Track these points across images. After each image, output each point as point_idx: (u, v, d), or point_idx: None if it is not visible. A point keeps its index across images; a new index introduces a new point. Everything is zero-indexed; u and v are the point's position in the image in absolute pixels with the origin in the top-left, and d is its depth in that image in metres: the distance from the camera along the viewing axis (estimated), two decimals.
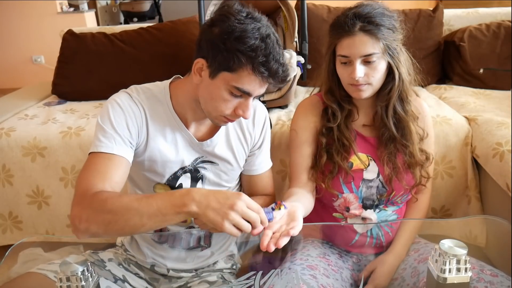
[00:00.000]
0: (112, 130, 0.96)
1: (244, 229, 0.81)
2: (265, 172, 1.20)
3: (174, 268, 1.15)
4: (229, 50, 0.90)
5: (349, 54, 1.06)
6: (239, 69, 0.91)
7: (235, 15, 0.91)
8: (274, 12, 2.07)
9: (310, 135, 1.18)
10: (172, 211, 0.82)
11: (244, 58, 0.89)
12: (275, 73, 0.92)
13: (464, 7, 2.33)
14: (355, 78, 1.05)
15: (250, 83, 0.93)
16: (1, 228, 1.75)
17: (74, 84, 2.12)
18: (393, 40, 1.07)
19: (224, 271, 1.18)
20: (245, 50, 0.89)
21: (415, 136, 1.13)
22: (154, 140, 1.04)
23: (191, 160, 1.08)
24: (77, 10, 4.27)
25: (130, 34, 2.14)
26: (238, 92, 0.94)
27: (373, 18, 1.04)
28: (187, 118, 1.06)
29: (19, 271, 0.98)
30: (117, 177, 0.93)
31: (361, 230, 1.16)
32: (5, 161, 1.67)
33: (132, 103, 1.02)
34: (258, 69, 0.90)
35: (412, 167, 1.13)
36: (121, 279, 1.09)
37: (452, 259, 0.72)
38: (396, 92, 1.10)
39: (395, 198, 1.16)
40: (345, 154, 1.13)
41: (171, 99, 1.05)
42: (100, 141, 0.95)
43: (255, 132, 1.14)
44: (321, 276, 1.02)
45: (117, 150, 0.95)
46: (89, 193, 0.87)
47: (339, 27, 1.07)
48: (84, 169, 0.94)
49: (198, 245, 1.16)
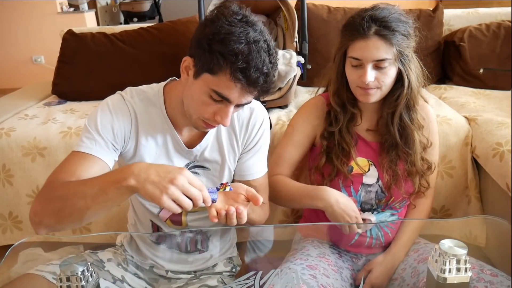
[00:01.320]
0: (96, 132, 0.97)
1: (184, 205, 0.78)
2: (259, 178, 1.12)
3: (173, 269, 1.15)
4: (212, 51, 0.86)
5: (361, 57, 1.04)
6: (219, 73, 0.87)
7: (227, 16, 0.88)
8: (274, 12, 2.07)
9: (304, 138, 1.19)
10: (112, 187, 0.80)
11: (224, 61, 0.85)
12: (254, 82, 0.87)
13: (464, 7, 2.33)
14: (365, 82, 1.04)
15: (229, 89, 0.88)
16: (1, 228, 1.74)
17: (74, 84, 2.12)
18: (406, 47, 1.05)
19: (223, 274, 1.17)
20: (226, 53, 0.85)
21: (418, 145, 1.12)
22: (144, 144, 1.02)
23: (182, 165, 1.06)
24: (77, 10, 4.27)
25: (130, 34, 2.14)
26: (217, 96, 0.90)
27: (389, 23, 1.02)
28: (179, 122, 1.04)
29: (19, 271, 0.97)
30: (86, 175, 0.91)
31: (361, 230, 1.16)
32: (5, 161, 1.67)
33: (123, 107, 1.01)
34: (235, 75, 0.85)
35: (412, 176, 1.13)
36: (120, 280, 1.09)
37: (452, 259, 0.72)
38: (404, 100, 1.09)
39: (393, 204, 1.16)
40: (344, 159, 1.13)
41: (165, 102, 1.03)
42: (82, 141, 0.96)
43: (248, 135, 1.09)
44: (321, 276, 1.02)
45: (95, 151, 0.95)
46: (50, 184, 0.90)
47: (353, 28, 1.05)
48: (61, 164, 0.96)
49: (195, 249, 1.14)
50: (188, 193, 0.78)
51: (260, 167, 1.12)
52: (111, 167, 0.98)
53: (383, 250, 1.18)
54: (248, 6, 0.94)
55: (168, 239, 1.14)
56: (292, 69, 1.74)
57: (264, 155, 1.14)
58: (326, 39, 2.02)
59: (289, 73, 1.74)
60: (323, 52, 1.98)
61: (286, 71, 1.73)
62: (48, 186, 0.90)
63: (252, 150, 1.10)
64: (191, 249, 1.14)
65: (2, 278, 0.97)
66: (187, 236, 1.14)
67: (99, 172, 0.94)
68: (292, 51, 1.85)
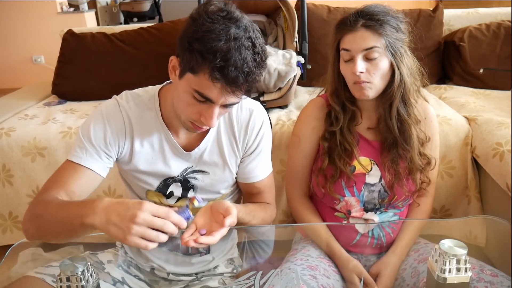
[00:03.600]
0: (88, 142, 0.97)
1: (152, 239, 0.74)
2: (263, 180, 1.10)
3: (174, 272, 1.14)
4: (192, 50, 0.83)
5: (350, 48, 1.06)
6: (199, 72, 0.83)
7: (210, 13, 0.84)
8: (274, 12, 2.07)
9: (311, 146, 1.19)
10: (77, 221, 0.78)
11: (203, 60, 0.82)
12: (234, 81, 0.82)
13: (464, 7, 2.33)
14: (356, 72, 1.05)
15: (209, 89, 0.84)
16: (1, 228, 1.74)
17: (74, 84, 2.12)
18: (396, 40, 1.07)
19: (224, 275, 1.17)
20: (205, 51, 0.81)
21: (416, 140, 1.12)
22: (140, 149, 1.02)
23: (180, 170, 1.05)
24: (77, 10, 4.27)
25: (130, 34, 2.14)
26: (200, 97, 0.86)
27: (376, 15, 1.05)
28: (175, 125, 1.02)
29: (19, 271, 0.97)
30: (76, 186, 0.94)
31: (363, 230, 1.16)
32: (5, 161, 1.67)
33: (117, 113, 1.00)
34: (213, 74, 0.82)
35: (412, 173, 1.13)
36: (120, 281, 1.08)
37: (452, 259, 0.72)
38: (398, 93, 1.09)
39: (396, 203, 1.16)
40: (347, 159, 1.13)
41: (160, 105, 1.01)
42: (75, 150, 0.98)
43: (248, 137, 1.06)
44: (321, 276, 1.02)
45: (85, 161, 0.96)
46: (39, 198, 0.92)
47: (342, 24, 1.09)
48: (54, 173, 0.98)
49: (197, 251, 1.14)
50: (153, 225, 0.74)
51: (263, 168, 1.10)
52: (104, 175, 1.00)
53: (384, 251, 1.18)
54: (248, 6, 0.93)
55: (169, 241, 1.13)
56: (292, 69, 1.74)
57: (267, 157, 1.11)
58: (326, 39, 2.01)
59: (289, 73, 1.73)
60: (323, 52, 1.97)
61: (286, 71, 1.73)
62: (38, 199, 0.93)
63: (253, 153, 1.08)
64: (192, 252, 1.14)
65: (2, 278, 0.97)
66: None
67: (89, 182, 0.97)
68: (292, 51, 1.85)
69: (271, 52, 1.82)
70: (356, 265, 1.10)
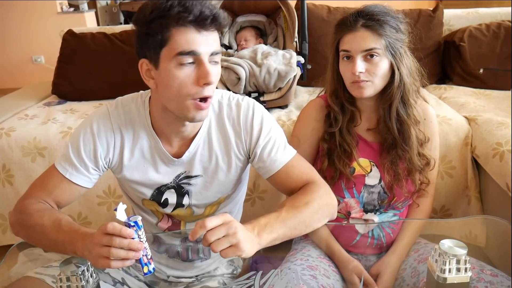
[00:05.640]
0: (76, 155, 0.98)
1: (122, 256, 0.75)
2: (288, 163, 1.00)
3: (174, 275, 1.14)
4: (151, 27, 0.85)
5: (350, 49, 1.06)
6: (168, 35, 0.84)
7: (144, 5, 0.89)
8: (274, 12, 2.07)
9: (311, 147, 1.19)
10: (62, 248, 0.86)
11: (165, 20, 0.84)
12: (200, 14, 0.83)
13: (464, 7, 2.34)
14: (356, 73, 1.04)
15: (187, 39, 0.84)
16: (1, 228, 1.74)
17: (74, 84, 2.12)
18: (396, 40, 1.07)
19: (224, 276, 1.17)
20: (162, 14, 0.84)
21: (415, 141, 1.12)
22: (130, 159, 1.01)
23: (172, 177, 1.03)
24: (77, 10, 4.28)
25: (130, 34, 2.14)
26: (184, 57, 0.85)
27: (376, 15, 1.05)
28: (166, 132, 0.99)
29: (19, 271, 0.97)
30: (61, 197, 0.99)
31: (363, 230, 1.16)
32: (5, 161, 1.67)
33: (107, 124, 0.99)
34: (181, 20, 0.83)
35: (411, 174, 1.13)
36: (120, 282, 1.08)
37: (452, 259, 0.72)
38: (398, 93, 1.09)
39: (396, 204, 1.16)
40: (346, 160, 1.12)
41: (150, 113, 0.99)
42: (62, 160, 1.00)
43: (245, 131, 1.01)
44: (322, 276, 1.01)
45: (70, 175, 0.98)
46: (26, 201, 0.96)
47: (342, 24, 1.09)
48: (42, 176, 1.01)
49: (197, 257, 1.13)
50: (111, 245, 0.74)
51: (283, 152, 1.01)
52: (91, 187, 1.02)
53: (384, 251, 1.18)
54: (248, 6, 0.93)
55: (169, 249, 1.13)
56: (292, 69, 1.74)
57: (279, 140, 1.02)
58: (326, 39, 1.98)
59: (289, 73, 1.74)
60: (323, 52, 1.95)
61: (286, 71, 1.73)
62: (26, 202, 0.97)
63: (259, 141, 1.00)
64: (192, 258, 1.13)
65: (2, 278, 0.97)
66: (188, 245, 1.12)
67: (75, 194, 1.01)
68: (292, 51, 1.85)
69: (271, 52, 1.82)
70: (356, 266, 1.10)
